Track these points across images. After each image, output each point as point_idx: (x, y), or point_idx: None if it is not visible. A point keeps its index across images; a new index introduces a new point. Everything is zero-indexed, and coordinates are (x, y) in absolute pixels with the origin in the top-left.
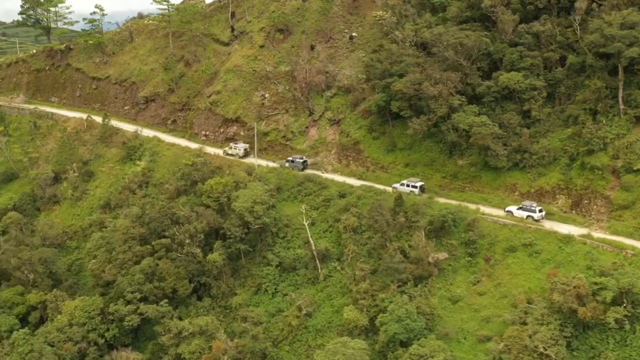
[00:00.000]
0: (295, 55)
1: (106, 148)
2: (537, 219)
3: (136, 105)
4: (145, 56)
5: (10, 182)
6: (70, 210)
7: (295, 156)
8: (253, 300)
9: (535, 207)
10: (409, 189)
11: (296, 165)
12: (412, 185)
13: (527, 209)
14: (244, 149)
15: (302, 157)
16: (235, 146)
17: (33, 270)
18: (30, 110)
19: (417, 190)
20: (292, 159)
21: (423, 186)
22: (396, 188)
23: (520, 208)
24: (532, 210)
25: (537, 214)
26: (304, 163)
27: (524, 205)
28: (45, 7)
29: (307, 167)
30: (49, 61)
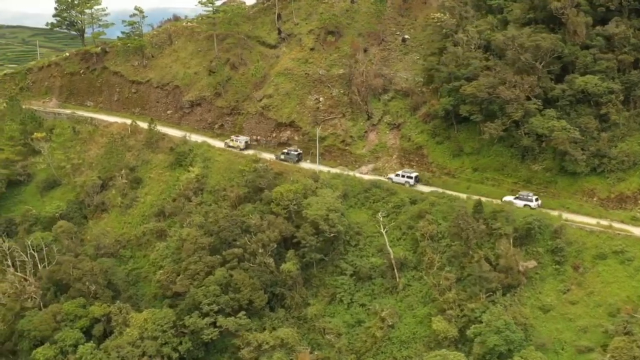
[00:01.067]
0: (350, 58)
1: (152, 154)
2: (534, 208)
3: (180, 109)
4: (188, 59)
5: (52, 190)
6: (119, 218)
7: (290, 148)
8: (327, 310)
9: (532, 197)
10: (404, 179)
11: (291, 158)
12: (407, 176)
13: (524, 199)
14: (245, 142)
15: (297, 149)
16: (236, 138)
17: (95, 282)
18: (68, 115)
19: (412, 181)
20: (287, 151)
21: (417, 177)
22: (391, 179)
23: (518, 197)
24: (529, 199)
25: (534, 202)
26: (298, 155)
27: (521, 195)
28: (81, 9)
29: (301, 160)
30: (83, 64)
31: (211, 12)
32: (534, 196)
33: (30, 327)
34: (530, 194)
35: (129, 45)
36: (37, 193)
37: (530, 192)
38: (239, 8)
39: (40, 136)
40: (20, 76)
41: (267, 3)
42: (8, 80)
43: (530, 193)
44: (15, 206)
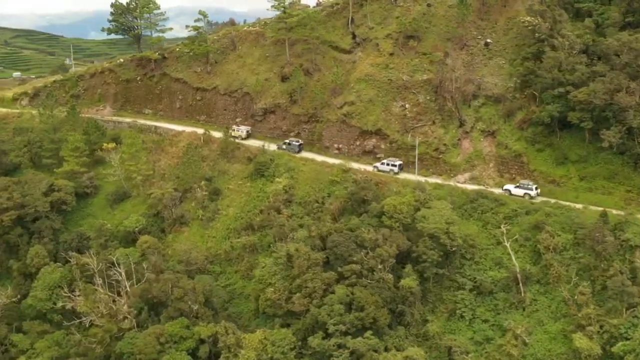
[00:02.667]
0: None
1: (229, 164)
2: (533, 197)
3: (251, 117)
4: (255, 65)
5: (122, 202)
6: (201, 232)
7: (291, 139)
8: (447, 327)
9: (531, 186)
10: (388, 168)
11: (292, 148)
12: (392, 164)
13: (524, 187)
14: (246, 131)
15: (298, 140)
16: (237, 128)
17: (196, 301)
18: (129, 124)
19: (396, 169)
20: (288, 141)
21: (401, 165)
22: (376, 167)
23: (518, 186)
24: (529, 188)
25: (533, 191)
26: (299, 146)
27: (521, 184)
28: (138, 14)
29: (302, 150)
30: (140, 71)
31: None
32: (534, 185)
33: (132, 349)
34: (530, 183)
35: (194, 51)
36: (107, 206)
37: (530, 181)
38: (314, 12)
39: (111, 147)
40: (71, 83)
41: (336, 7)
42: (58, 88)
43: (530, 182)
44: (83, 220)
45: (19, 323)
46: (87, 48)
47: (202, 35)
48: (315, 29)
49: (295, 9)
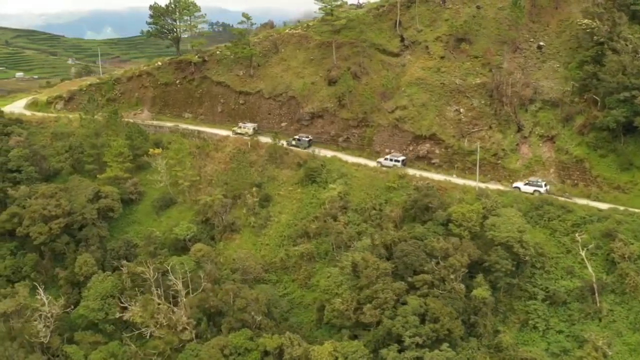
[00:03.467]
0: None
1: (277, 169)
2: (543, 193)
3: (297, 121)
4: (300, 68)
5: (168, 209)
6: (254, 239)
7: (301, 135)
8: (520, 337)
9: (541, 183)
10: (392, 163)
11: (302, 144)
12: (395, 160)
13: (533, 184)
14: (253, 128)
15: (308, 135)
16: (244, 125)
17: (260, 311)
18: (171, 128)
19: (399, 164)
20: (298, 137)
21: (405, 160)
22: (380, 162)
23: (527, 184)
24: (538, 185)
25: (542, 188)
26: (309, 141)
27: (530, 181)
28: (178, 16)
29: (311, 146)
30: (179, 74)
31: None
32: (543, 182)
33: None
34: (540, 180)
35: (237, 54)
36: (152, 212)
37: (539, 179)
38: (363, 14)
39: (157, 152)
40: (107, 86)
41: (381, 9)
42: (93, 91)
43: (539, 179)
44: (129, 227)
45: (69, 334)
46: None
47: (245, 38)
48: (364, 31)
49: (343, 11)
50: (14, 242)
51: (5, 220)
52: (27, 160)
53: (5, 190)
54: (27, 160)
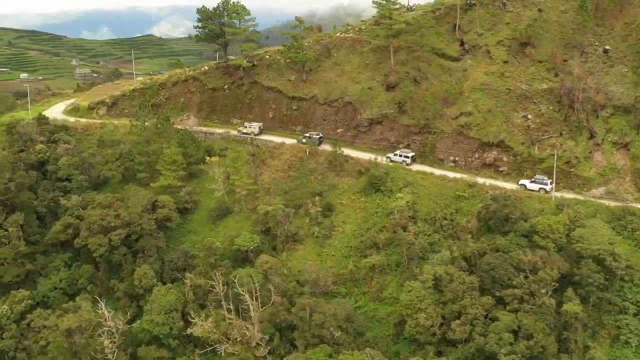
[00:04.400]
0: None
1: (337, 177)
2: (549, 191)
3: (355, 127)
4: (355, 73)
5: (224, 218)
6: (317, 250)
7: (311, 132)
8: (612, 354)
9: (546, 181)
10: (401, 159)
11: (313, 141)
12: (405, 155)
13: (539, 182)
14: (259, 127)
15: (318, 133)
16: (249, 125)
17: (338, 327)
18: (222, 135)
19: (408, 160)
20: (309, 135)
21: (414, 156)
22: (389, 158)
23: (534, 181)
24: (544, 183)
25: (548, 186)
26: (319, 139)
27: (536, 179)
28: (228, 20)
29: (322, 143)
30: (227, 79)
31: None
32: (549, 180)
33: None
34: (545, 178)
35: (291, 59)
36: (208, 222)
37: (545, 176)
38: (423, 17)
39: (215, 160)
40: (151, 91)
41: (437, 12)
42: (137, 96)
43: (545, 177)
44: (184, 237)
45: (132, 349)
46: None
47: (299, 42)
48: (425, 35)
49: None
50: (67, 253)
51: (59, 231)
52: (77, 168)
53: (56, 199)
54: (77, 168)
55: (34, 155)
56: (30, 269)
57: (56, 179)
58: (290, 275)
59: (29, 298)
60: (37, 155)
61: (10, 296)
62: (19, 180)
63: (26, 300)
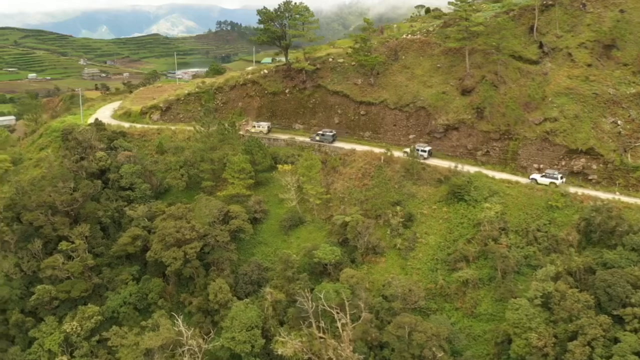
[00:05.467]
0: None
1: (415, 186)
2: (559, 185)
3: (428, 134)
4: (427, 77)
5: (296, 228)
6: (401, 263)
7: (325, 130)
8: None
9: (557, 175)
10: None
11: (326, 139)
12: (422, 150)
13: (550, 176)
14: (267, 126)
15: (332, 130)
16: (257, 124)
17: (440, 347)
18: (286, 141)
19: (425, 154)
20: (322, 132)
21: (431, 150)
22: (406, 153)
23: (544, 175)
24: (554, 177)
25: (559, 180)
26: (333, 136)
27: (547, 173)
28: (292, 22)
29: (335, 140)
30: (288, 83)
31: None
32: (559, 174)
33: None
34: (556, 172)
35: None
36: (280, 232)
37: (555, 171)
38: (503, 20)
39: (288, 169)
40: (207, 96)
41: (512, 13)
42: (192, 101)
43: (555, 171)
44: (255, 248)
45: None
46: (97, 48)
47: (367, 45)
48: (506, 37)
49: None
50: (134, 265)
51: (127, 243)
52: (139, 176)
53: (120, 209)
54: (139, 176)
55: (94, 163)
56: (97, 283)
57: (118, 187)
58: (373, 289)
59: (98, 314)
60: (98, 163)
61: (79, 312)
62: (84, 189)
63: (96, 316)
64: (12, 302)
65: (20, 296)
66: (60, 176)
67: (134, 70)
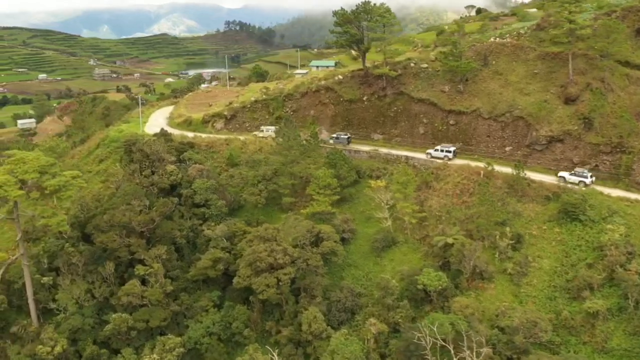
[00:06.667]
0: None
1: (520, 203)
2: (588, 184)
3: (528, 146)
4: (523, 84)
5: (388, 249)
6: (512, 290)
7: (339, 133)
8: None
9: (586, 174)
10: (443, 154)
11: (341, 141)
12: (447, 150)
13: (579, 175)
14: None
15: (347, 133)
16: (265, 129)
17: None
18: (369, 153)
19: (450, 155)
20: (336, 135)
21: (456, 151)
22: (430, 154)
23: (573, 174)
24: (584, 176)
25: (588, 179)
26: (348, 139)
27: (576, 172)
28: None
29: (350, 142)
30: (366, 89)
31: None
32: (589, 173)
33: None
34: (585, 171)
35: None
36: (370, 254)
37: (585, 169)
38: (614, 23)
39: (381, 185)
40: (276, 103)
41: (614, 15)
42: (259, 109)
43: (585, 170)
44: (344, 271)
45: None
46: (106, 48)
47: (458, 49)
48: (617, 41)
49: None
50: (214, 290)
51: (208, 266)
52: (214, 192)
53: (195, 228)
54: (214, 192)
55: (165, 177)
56: (175, 310)
57: (192, 204)
58: (483, 319)
59: (180, 345)
60: (169, 177)
61: (159, 343)
62: (161, 208)
63: (178, 348)
64: (84, 332)
65: (92, 325)
66: (132, 193)
67: (144, 70)
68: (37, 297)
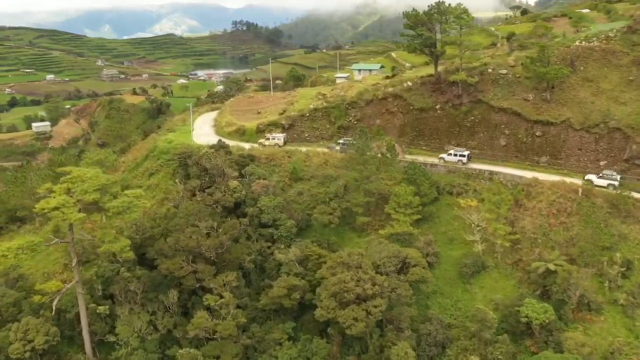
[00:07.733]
0: None
1: (624, 225)
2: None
3: (627, 160)
4: (617, 92)
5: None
6: (625, 323)
7: (345, 138)
8: None
9: (616, 176)
10: (456, 159)
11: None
12: (460, 154)
13: (608, 177)
14: (284, 139)
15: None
16: (272, 136)
17: None
18: (448, 167)
19: (465, 159)
20: (343, 141)
21: (470, 155)
22: (443, 158)
23: (601, 177)
24: (613, 178)
25: (617, 182)
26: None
27: (604, 174)
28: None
29: None
30: (439, 97)
31: None
32: (618, 175)
33: None
34: (614, 173)
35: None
36: (457, 280)
37: (614, 172)
38: None
39: (473, 205)
40: (337, 111)
41: None
42: (319, 117)
43: (614, 172)
44: (429, 299)
45: None
46: (113, 48)
47: (547, 54)
48: None
49: None
50: (287, 321)
51: (282, 295)
52: (282, 211)
53: (263, 251)
54: (282, 211)
55: (229, 195)
56: (246, 344)
57: (259, 224)
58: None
59: None
60: (233, 194)
61: None
62: (230, 230)
63: None
64: None
65: None
66: (196, 213)
67: (152, 71)
68: (93, 328)
